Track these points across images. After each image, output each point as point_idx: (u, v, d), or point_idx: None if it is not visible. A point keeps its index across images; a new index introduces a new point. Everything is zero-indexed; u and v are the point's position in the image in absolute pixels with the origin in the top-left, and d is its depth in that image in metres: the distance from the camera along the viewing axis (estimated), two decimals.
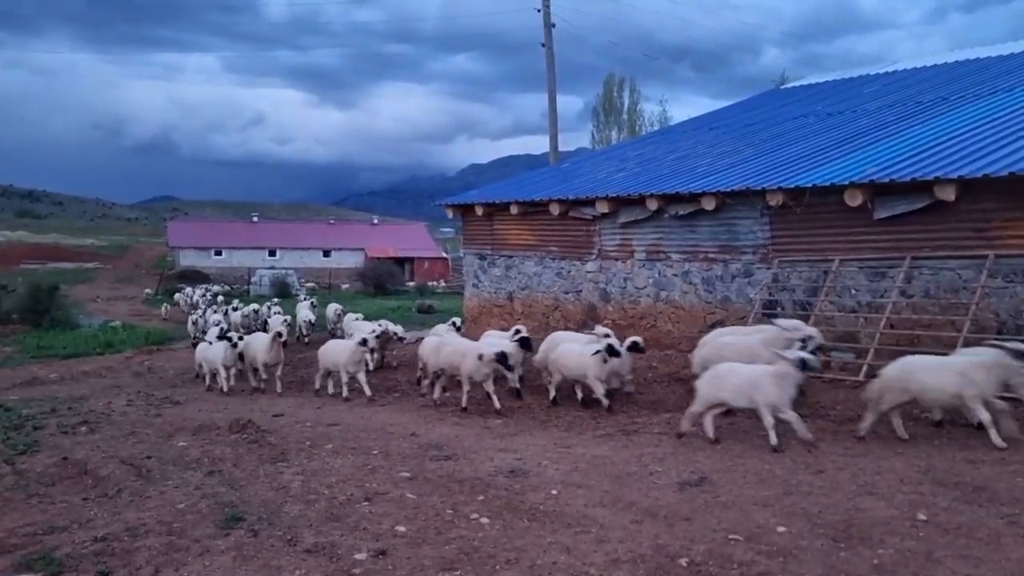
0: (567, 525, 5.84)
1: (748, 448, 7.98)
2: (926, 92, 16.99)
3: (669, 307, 14.45)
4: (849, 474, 6.87)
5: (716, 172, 14.55)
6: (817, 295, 12.20)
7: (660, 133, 26.51)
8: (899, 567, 4.81)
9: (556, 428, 9.53)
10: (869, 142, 13.75)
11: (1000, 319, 10.51)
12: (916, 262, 11.36)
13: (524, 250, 17.53)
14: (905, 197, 11.31)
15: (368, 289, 46.63)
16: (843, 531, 5.48)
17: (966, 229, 10.94)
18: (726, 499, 6.34)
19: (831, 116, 17.21)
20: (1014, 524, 5.41)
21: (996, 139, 11.89)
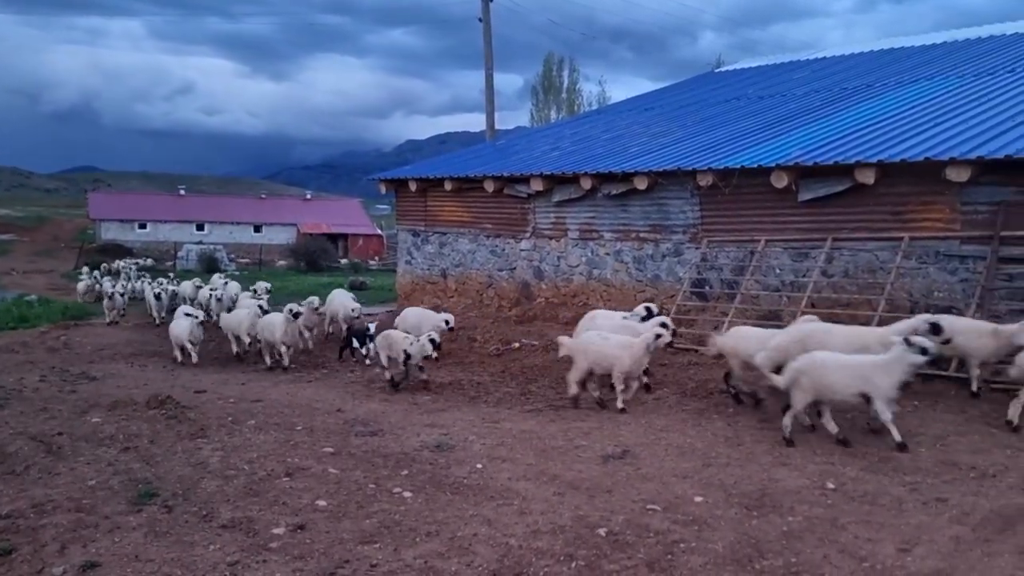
0: (490, 498, 5.86)
1: (672, 422, 8.13)
2: (852, 79, 17.44)
3: (601, 285, 14.58)
4: (766, 446, 7.07)
5: (649, 152, 14.70)
6: (743, 274, 12.47)
7: (596, 113, 26.63)
8: (806, 533, 4.97)
9: (485, 404, 9.54)
10: (796, 126, 14.07)
11: (913, 299, 10.91)
12: (837, 243, 11.70)
13: (458, 227, 17.45)
14: (827, 180, 11.60)
15: (300, 266, 45.85)
16: (756, 500, 5.64)
17: (884, 212, 11.29)
18: (647, 471, 6.46)
19: (761, 100, 17.55)
20: (915, 491, 5.65)
21: (915, 125, 12.29)
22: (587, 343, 8.93)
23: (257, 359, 13.06)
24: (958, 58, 17.14)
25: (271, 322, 12.38)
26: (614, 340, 8.78)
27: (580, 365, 8.82)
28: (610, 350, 8.62)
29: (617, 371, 8.52)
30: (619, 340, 8.77)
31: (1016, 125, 11.03)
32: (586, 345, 8.91)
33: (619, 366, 8.48)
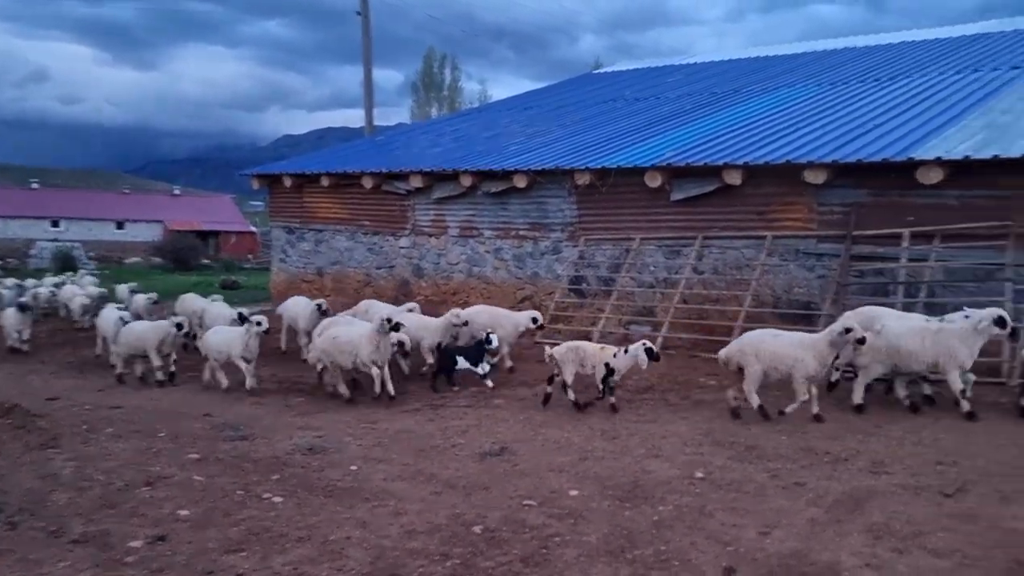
0: (364, 500, 5.72)
1: (550, 418, 8.20)
2: (722, 84, 18.19)
3: (481, 283, 14.60)
4: (639, 439, 7.24)
5: (528, 151, 14.84)
6: (619, 271, 12.77)
7: (477, 111, 26.68)
8: (676, 522, 5.11)
9: (362, 404, 9.34)
10: (669, 128, 14.54)
11: (776, 294, 11.49)
12: (707, 241, 12.16)
13: (335, 224, 17.07)
14: (698, 180, 12.04)
15: (167, 264, 43.66)
16: (629, 492, 5.75)
17: (750, 212, 11.82)
18: (524, 467, 6.48)
19: (637, 102, 18.05)
20: (776, 477, 5.91)
21: (778, 129, 12.94)
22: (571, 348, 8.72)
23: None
24: (817, 67, 18.20)
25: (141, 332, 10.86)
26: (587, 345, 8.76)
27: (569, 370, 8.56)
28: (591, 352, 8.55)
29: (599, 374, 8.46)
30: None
31: (867, 132, 11.79)
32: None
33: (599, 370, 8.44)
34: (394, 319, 9.28)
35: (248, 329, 9.86)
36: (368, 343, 9.06)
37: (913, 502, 5.31)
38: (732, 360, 7.94)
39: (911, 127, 11.57)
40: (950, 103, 12.63)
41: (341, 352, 9.29)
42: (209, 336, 10.39)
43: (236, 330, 10.30)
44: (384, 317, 9.26)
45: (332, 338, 9.50)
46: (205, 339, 10.45)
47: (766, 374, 7.74)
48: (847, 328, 7.46)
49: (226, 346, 9.97)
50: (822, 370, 7.64)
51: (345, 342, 9.29)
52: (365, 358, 9.09)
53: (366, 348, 9.06)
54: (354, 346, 9.17)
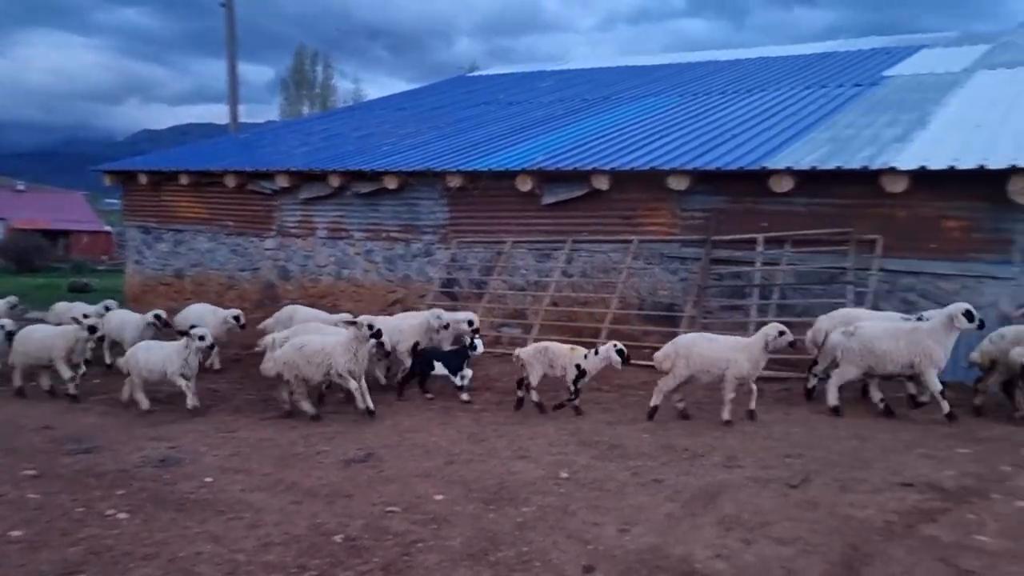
0: (219, 513, 5.44)
1: (419, 422, 8.09)
2: (592, 91, 18.65)
3: (351, 286, 14.31)
4: (507, 441, 7.25)
5: (400, 152, 14.69)
6: (491, 274, 12.82)
7: (348, 110, 26.19)
8: (539, 522, 5.13)
9: (222, 412, 8.92)
10: (541, 132, 14.76)
11: (641, 296, 11.85)
12: (576, 245, 12.40)
13: (196, 224, 16.31)
14: (568, 185, 12.26)
15: (10, 265, 40.43)
16: (495, 494, 5.74)
17: (617, 216, 12.14)
18: (390, 473, 6.35)
19: (510, 105, 18.22)
20: (637, 475, 6.06)
21: (644, 136, 13.37)
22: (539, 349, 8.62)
23: None
24: (682, 78, 18.95)
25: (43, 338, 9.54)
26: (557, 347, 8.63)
27: (537, 371, 8.43)
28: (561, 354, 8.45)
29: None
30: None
31: (726, 141, 12.37)
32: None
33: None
34: (375, 325, 8.21)
35: (188, 344, 8.75)
36: (344, 352, 8.08)
37: (762, 494, 5.56)
38: (667, 361, 7.98)
39: (765, 138, 12.22)
40: (800, 116, 13.43)
41: (310, 363, 8.18)
42: (138, 352, 8.87)
43: (172, 345, 9.01)
44: (366, 322, 8.15)
45: (298, 347, 8.32)
46: (132, 355, 8.88)
47: (696, 377, 7.88)
48: (781, 331, 7.69)
49: (161, 364, 8.72)
50: (754, 372, 7.77)
51: (315, 351, 8.20)
52: (342, 369, 8.05)
53: (342, 357, 8.06)
54: (326, 355, 8.14)
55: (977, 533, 4.78)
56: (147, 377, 8.80)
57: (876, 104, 13.56)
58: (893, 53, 18.47)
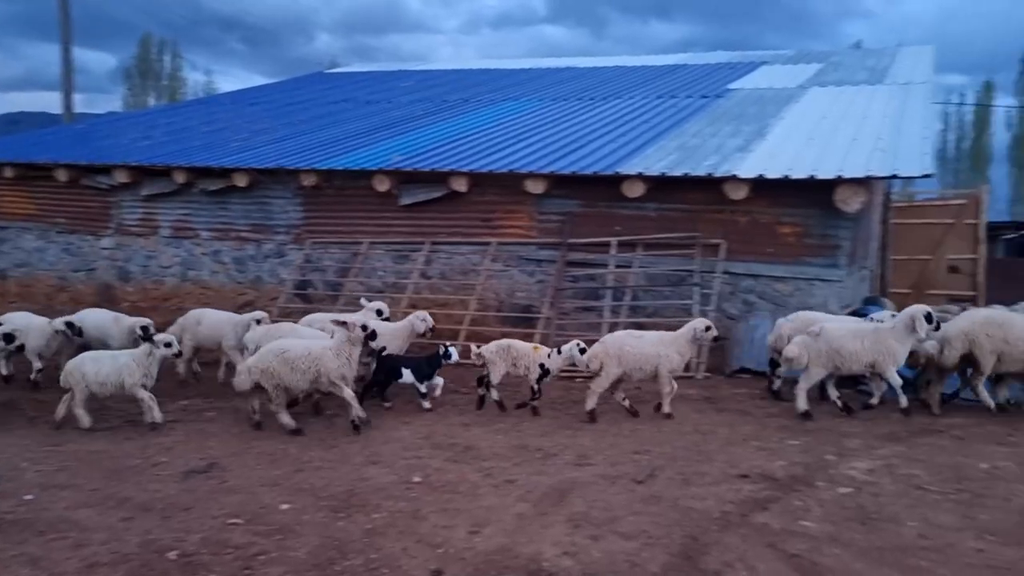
0: (39, 533, 5.00)
1: (266, 430, 7.77)
2: (453, 92, 18.63)
3: (197, 288, 13.61)
4: (359, 446, 7.08)
5: (251, 148, 14.12)
6: (347, 276, 12.54)
7: (197, 103, 24.96)
8: (389, 528, 5.03)
9: (47, 424, 8.23)
10: (399, 132, 14.59)
11: (499, 298, 11.92)
12: (435, 247, 12.33)
13: (22, 220, 15.06)
14: (426, 186, 12.18)
15: None
16: (344, 501, 5.58)
17: (476, 218, 12.17)
18: (234, 483, 6.05)
19: (369, 104, 17.92)
20: (490, 476, 6.06)
21: (503, 139, 13.47)
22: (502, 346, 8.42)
23: None
24: (541, 83, 19.27)
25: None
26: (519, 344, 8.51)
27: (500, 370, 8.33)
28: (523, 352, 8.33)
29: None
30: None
31: (582, 146, 12.65)
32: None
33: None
34: (368, 326, 7.60)
35: (152, 352, 7.84)
36: (335, 356, 7.41)
37: (610, 490, 5.69)
38: (596, 359, 7.96)
39: (619, 144, 12.60)
40: (652, 125, 13.94)
41: (294, 370, 7.44)
42: (86, 362, 7.90)
43: (127, 354, 8.11)
44: (360, 324, 7.53)
45: (279, 353, 7.50)
46: (77, 367, 7.84)
47: (629, 375, 7.98)
48: (707, 326, 7.96)
49: (117, 375, 7.79)
50: (683, 364, 8.03)
51: (301, 357, 7.45)
52: (334, 375, 7.40)
53: (333, 363, 7.39)
54: (314, 361, 7.43)
55: (803, 519, 5.08)
56: (97, 391, 7.84)
57: (721, 115, 14.28)
58: (737, 68, 19.55)
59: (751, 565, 4.40)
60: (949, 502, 5.44)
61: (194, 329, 9.76)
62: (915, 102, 13.76)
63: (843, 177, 10.00)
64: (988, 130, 49.80)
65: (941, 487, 5.75)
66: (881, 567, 4.37)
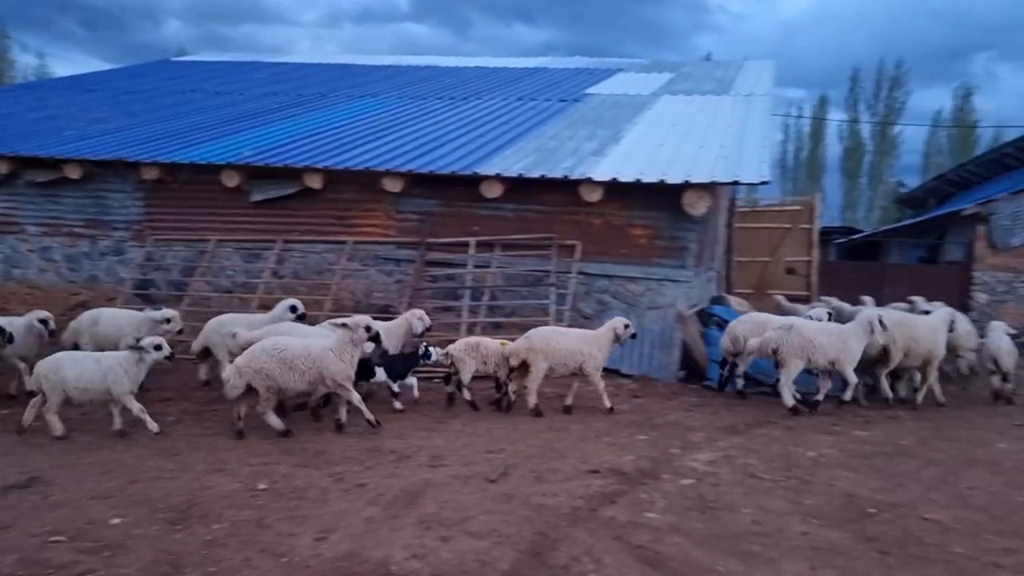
0: None
1: (97, 439, 7.25)
2: (309, 87, 18.12)
3: (23, 287, 12.55)
4: (203, 454, 6.72)
5: (87, 138, 13.19)
6: (193, 275, 11.92)
7: (24, 87, 23.11)
8: (230, 538, 4.79)
9: None
10: (251, 126, 14.03)
11: (356, 299, 11.68)
12: (288, 245, 11.92)
13: None
14: (279, 182, 11.77)
15: None
16: (183, 512, 5.27)
17: (331, 216, 11.87)
18: (60, 498, 5.59)
19: (219, 95, 17.15)
20: (340, 480, 5.90)
21: (360, 136, 13.21)
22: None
23: None
24: (402, 81, 19.08)
25: None
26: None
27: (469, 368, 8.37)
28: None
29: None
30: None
31: (441, 145, 12.60)
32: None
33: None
34: (372, 327, 7.32)
35: (143, 356, 7.21)
36: (337, 357, 7.12)
37: (463, 490, 5.67)
38: (519, 356, 8.01)
39: (478, 144, 12.64)
40: (511, 126, 14.09)
41: (292, 370, 7.09)
42: (63, 365, 7.17)
43: (112, 357, 7.37)
44: (364, 324, 7.26)
45: (274, 351, 7.13)
46: (54, 369, 7.16)
47: (553, 369, 8.12)
48: (627, 324, 8.26)
49: (101, 381, 7.13)
50: (604, 362, 8.33)
51: (299, 356, 7.11)
52: (340, 377, 7.14)
53: (335, 365, 7.11)
54: (314, 361, 7.09)
55: (648, 511, 5.25)
56: (76, 397, 7.17)
57: (578, 119, 14.62)
58: (595, 73, 20.10)
59: (598, 558, 4.49)
60: (780, 489, 5.78)
61: (91, 331, 9.06)
62: (756, 113, 14.60)
63: (690, 182, 10.45)
64: (823, 142, 53.86)
65: (773, 475, 6.11)
66: (718, 553, 4.57)
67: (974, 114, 50.71)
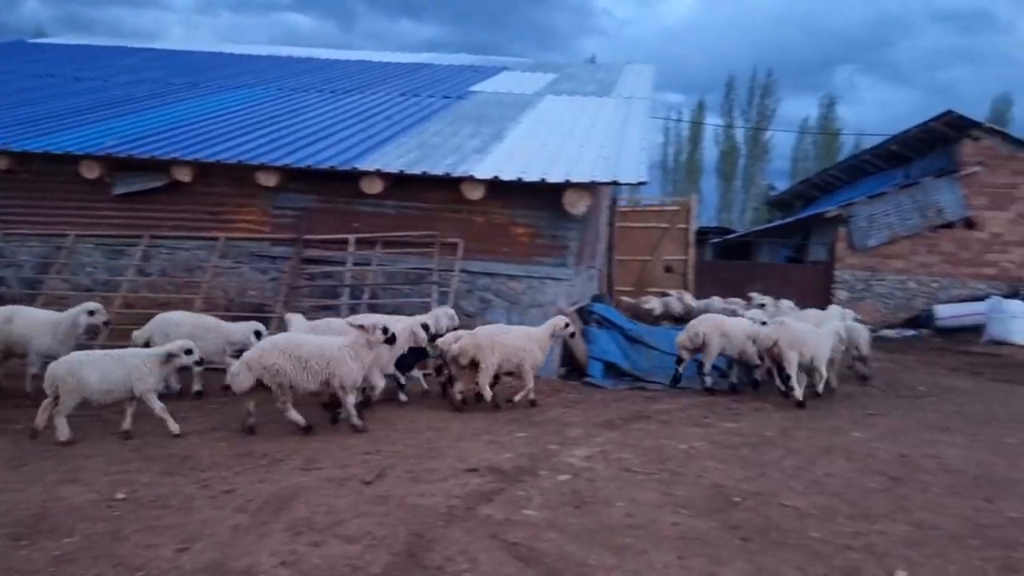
0: None
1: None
2: (181, 75, 17.31)
3: None
4: (55, 463, 6.27)
5: None
6: (48, 272, 11.14)
7: None
8: (82, 553, 4.47)
9: None
10: (115, 114, 13.28)
11: (229, 297, 11.23)
12: (155, 241, 11.33)
13: None
14: (145, 175, 11.17)
15: None
16: (30, 526, 4.88)
17: (202, 211, 11.37)
18: None
19: (81, 81, 16.14)
20: (206, 487, 5.62)
21: (234, 128, 12.71)
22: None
23: None
24: (280, 72, 18.49)
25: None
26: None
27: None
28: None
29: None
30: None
31: (320, 139, 12.28)
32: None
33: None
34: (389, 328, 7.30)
35: (171, 361, 7.11)
36: (353, 359, 7.06)
37: (337, 493, 5.51)
38: (468, 354, 8.03)
39: (359, 139, 12.40)
40: (393, 121, 13.89)
41: (306, 369, 7.00)
42: (83, 366, 6.79)
43: (134, 355, 7.09)
44: (381, 326, 7.20)
45: (287, 348, 7.02)
46: (74, 370, 6.77)
47: (500, 365, 8.24)
48: (566, 323, 8.54)
49: (124, 380, 6.86)
50: (543, 359, 8.55)
51: (313, 355, 7.00)
52: (348, 381, 7.09)
53: (350, 366, 7.05)
54: (327, 361, 7.00)
55: (525, 508, 5.26)
56: (99, 399, 6.90)
57: (462, 116, 14.58)
58: (480, 71, 20.12)
59: (473, 557, 4.46)
60: (653, 481, 5.92)
61: (5, 329, 8.27)
62: (636, 115, 14.97)
63: (571, 181, 10.59)
64: (700, 145, 56.10)
65: (646, 468, 6.26)
66: (592, 547, 4.63)
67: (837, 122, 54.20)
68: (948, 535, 4.96)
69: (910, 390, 10.99)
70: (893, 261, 22.64)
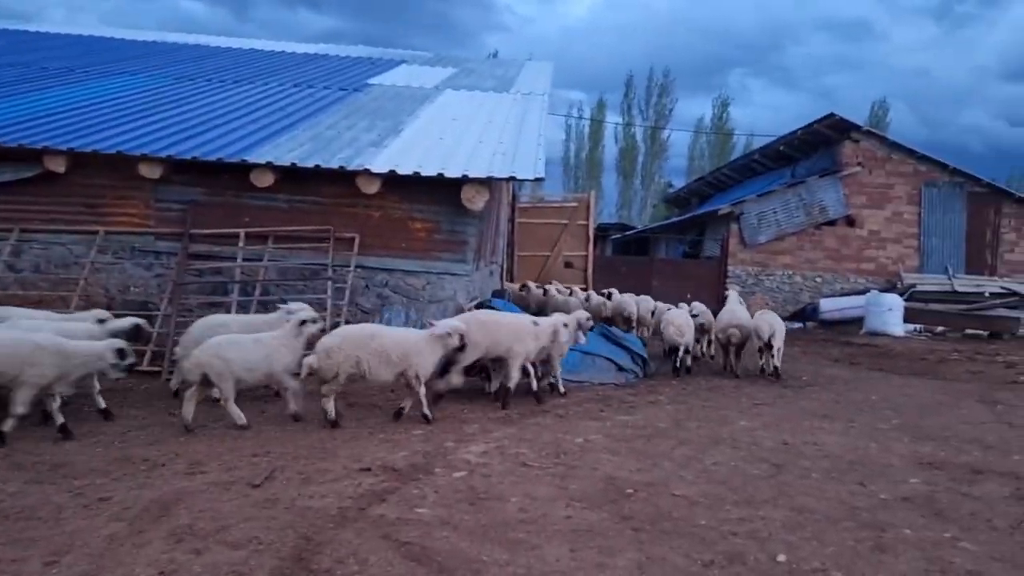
0: None
1: None
2: (55, 60, 16.34)
3: None
4: None
5: None
6: None
7: None
8: None
9: None
10: None
11: (110, 294, 10.67)
12: (26, 235, 10.64)
13: None
14: (15, 165, 10.46)
15: None
16: None
17: (79, 204, 10.76)
18: None
19: None
20: (80, 495, 5.30)
21: (114, 116, 12.08)
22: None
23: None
24: (166, 59, 17.70)
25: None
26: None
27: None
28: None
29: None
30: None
31: (208, 130, 11.79)
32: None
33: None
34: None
35: (300, 332, 7.54)
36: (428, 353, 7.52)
37: (223, 497, 5.29)
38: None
39: (249, 131, 11.98)
40: (286, 113, 13.49)
41: (383, 361, 7.38)
42: (225, 347, 7.16)
43: (271, 335, 7.54)
44: (459, 331, 7.68)
45: (369, 338, 7.39)
46: (219, 352, 7.10)
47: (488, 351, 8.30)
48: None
49: (264, 360, 7.28)
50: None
51: (389, 347, 7.38)
52: (422, 372, 7.54)
53: (425, 358, 7.51)
54: (406, 354, 7.39)
55: (419, 506, 5.18)
56: (245, 378, 7.18)
57: (358, 109, 14.30)
58: (378, 64, 19.80)
59: (363, 559, 4.35)
60: (548, 475, 5.95)
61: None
62: (534, 112, 15.04)
63: (468, 176, 10.54)
64: (601, 143, 57.03)
65: (542, 463, 6.28)
66: (484, 543, 4.60)
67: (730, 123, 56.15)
68: (825, 518, 5.18)
69: (795, 380, 11.48)
70: (781, 257, 23.66)
